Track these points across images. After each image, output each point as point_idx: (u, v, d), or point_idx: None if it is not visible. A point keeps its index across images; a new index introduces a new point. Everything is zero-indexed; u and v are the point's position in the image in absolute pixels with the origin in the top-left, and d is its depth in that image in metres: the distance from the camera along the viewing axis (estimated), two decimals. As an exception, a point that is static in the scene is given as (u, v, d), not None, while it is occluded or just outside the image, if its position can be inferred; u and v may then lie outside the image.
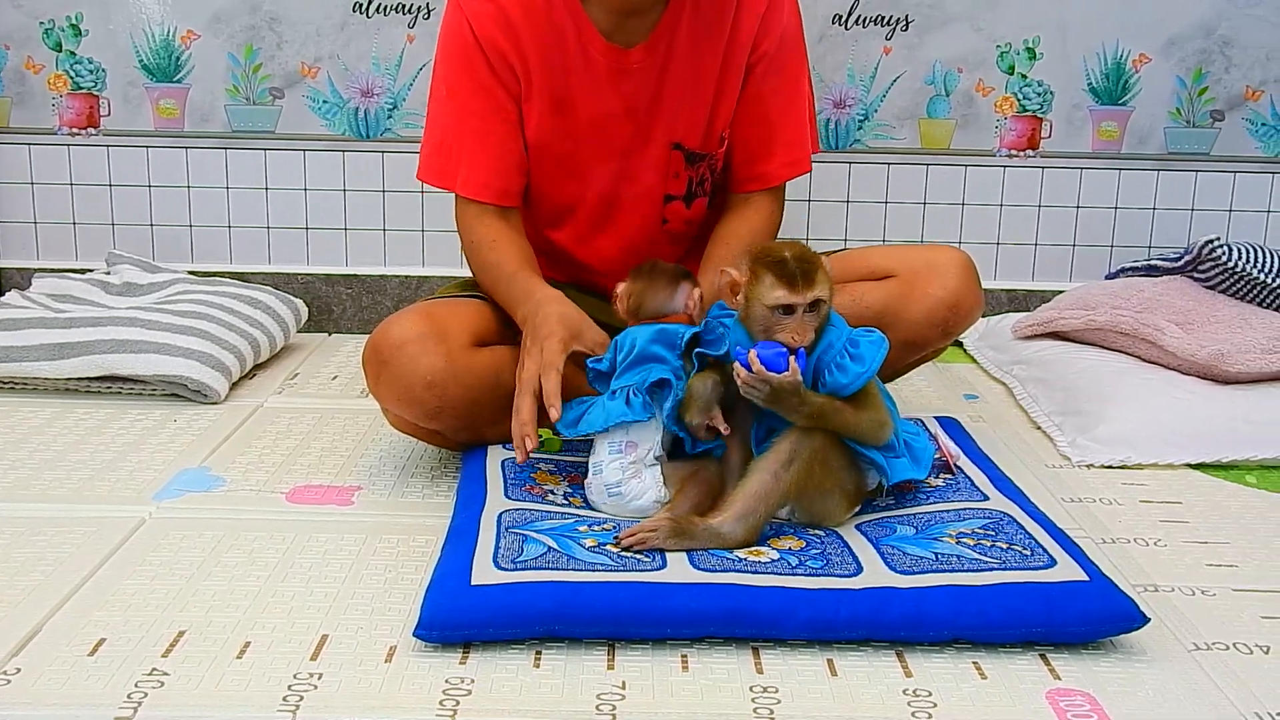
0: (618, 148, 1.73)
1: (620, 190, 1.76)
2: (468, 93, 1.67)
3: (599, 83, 1.68)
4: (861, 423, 1.38)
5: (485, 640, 1.21)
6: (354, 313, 2.51)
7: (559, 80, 1.68)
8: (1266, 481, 1.73)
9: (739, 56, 1.71)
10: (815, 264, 1.37)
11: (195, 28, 2.41)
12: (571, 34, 1.66)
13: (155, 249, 2.49)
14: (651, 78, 1.69)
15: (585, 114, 1.70)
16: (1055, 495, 1.66)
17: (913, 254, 1.78)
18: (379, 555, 1.42)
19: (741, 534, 1.33)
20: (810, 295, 1.36)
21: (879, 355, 1.38)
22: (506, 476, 1.51)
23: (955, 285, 1.72)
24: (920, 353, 1.79)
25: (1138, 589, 1.37)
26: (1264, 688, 1.17)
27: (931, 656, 1.21)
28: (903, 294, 1.73)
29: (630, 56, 1.68)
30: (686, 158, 1.75)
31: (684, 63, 1.70)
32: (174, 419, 1.91)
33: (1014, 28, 2.43)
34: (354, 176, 2.47)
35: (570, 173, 1.74)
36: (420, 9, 2.40)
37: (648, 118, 1.72)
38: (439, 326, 1.58)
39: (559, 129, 1.70)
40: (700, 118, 1.73)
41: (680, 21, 1.68)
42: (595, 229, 1.78)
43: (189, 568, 1.37)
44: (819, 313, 1.38)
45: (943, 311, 1.72)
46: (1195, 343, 1.95)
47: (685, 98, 1.72)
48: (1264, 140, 2.49)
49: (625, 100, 1.70)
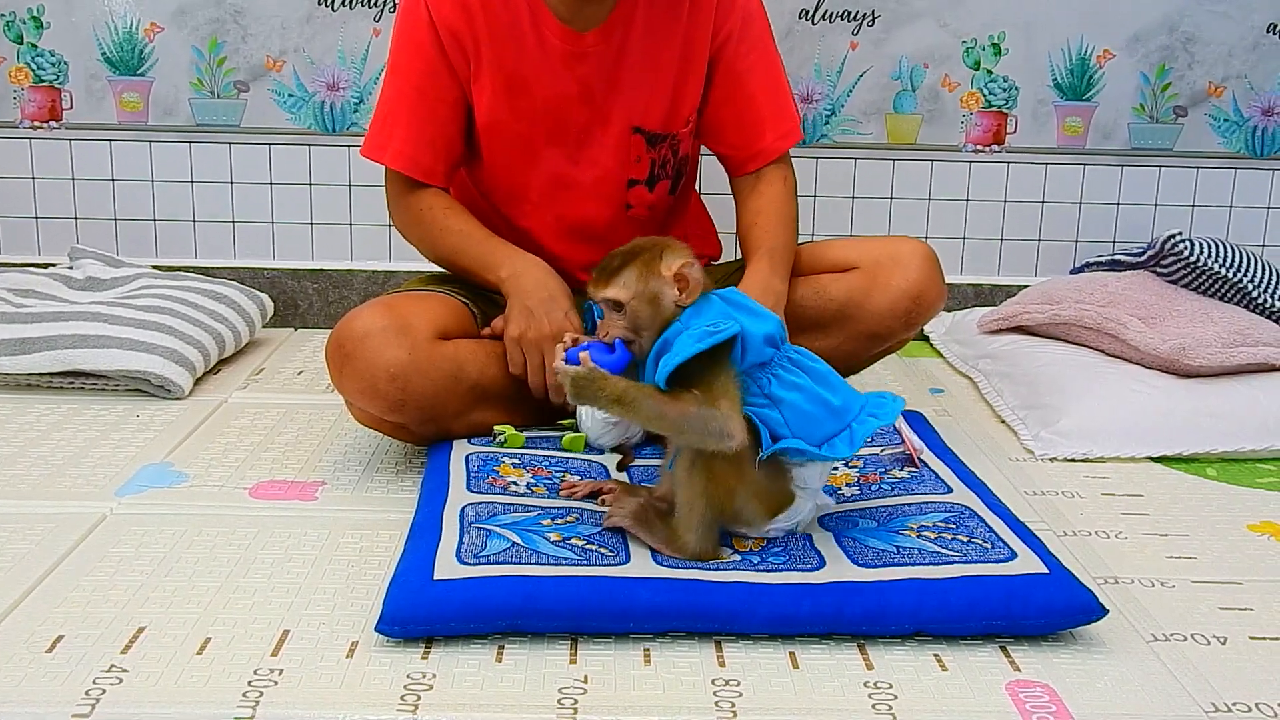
0: (573, 131, 1.74)
1: (578, 174, 1.76)
2: (413, 71, 1.71)
3: (553, 65, 1.69)
4: (671, 413, 1.25)
5: (448, 635, 1.20)
6: (320, 307, 2.50)
7: (512, 62, 1.69)
8: (1227, 474, 1.75)
9: (699, 36, 1.73)
10: (626, 265, 1.30)
11: (159, 20, 2.39)
12: (526, 16, 1.68)
13: (119, 243, 2.47)
14: (608, 61, 1.71)
15: (539, 96, 1.71)
16: (1018, 488, 1.67)
17: (875, 246, 1.79)
18: (342, 551, 1.41)
19: (695, 545, 1.29)
20: (601, 294, 1.31)
21: (689, 348, 1.24)
22: (470, 470, 1.51)
23: (917, 276, 1.73)
24: (884, 344, 1.79)
25: (1098, 581, 1.38)
26: (1220, 678, 1.18)
27: (893, 649, 1.22)
28: (866, 286, 1.74)
29: (585, 40, 1.69)
30: (647, 140, 1.77)
31: (642, 45, 1.71)
32: (137, 414, 1.89)
33: (979, 23, 2.44)
34: (320, 170, 2.46)
35: (524, 154, 1.75)
36: (386, 2, 2.39)
37: (605, 101, 1.73)
38: (402, 319, 1.58)
39: (513, 110, 1.71)
40: (661, 100, 1.75)
41: (637, 5, 1.70)
42: (555, 213, 1.79)
43: (150, 564, 1.36)
44: (624, 315, 1.30)
45: (905, 302, 1.73)
46: (1158, 337, 1.96)
47: (644, 81, 1.73)
48: (1226, 136, 2.52)
49: (580, 83, 1.71)
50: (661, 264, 1.31)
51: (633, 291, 1.30)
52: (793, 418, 1.30)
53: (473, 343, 1.67)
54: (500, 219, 1.80)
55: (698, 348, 1.24)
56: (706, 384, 1.26)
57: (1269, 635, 1.27)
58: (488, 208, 1.81)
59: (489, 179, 1.79)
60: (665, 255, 1.31)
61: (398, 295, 1.70)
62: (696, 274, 1.31)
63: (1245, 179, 2.53)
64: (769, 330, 1.31)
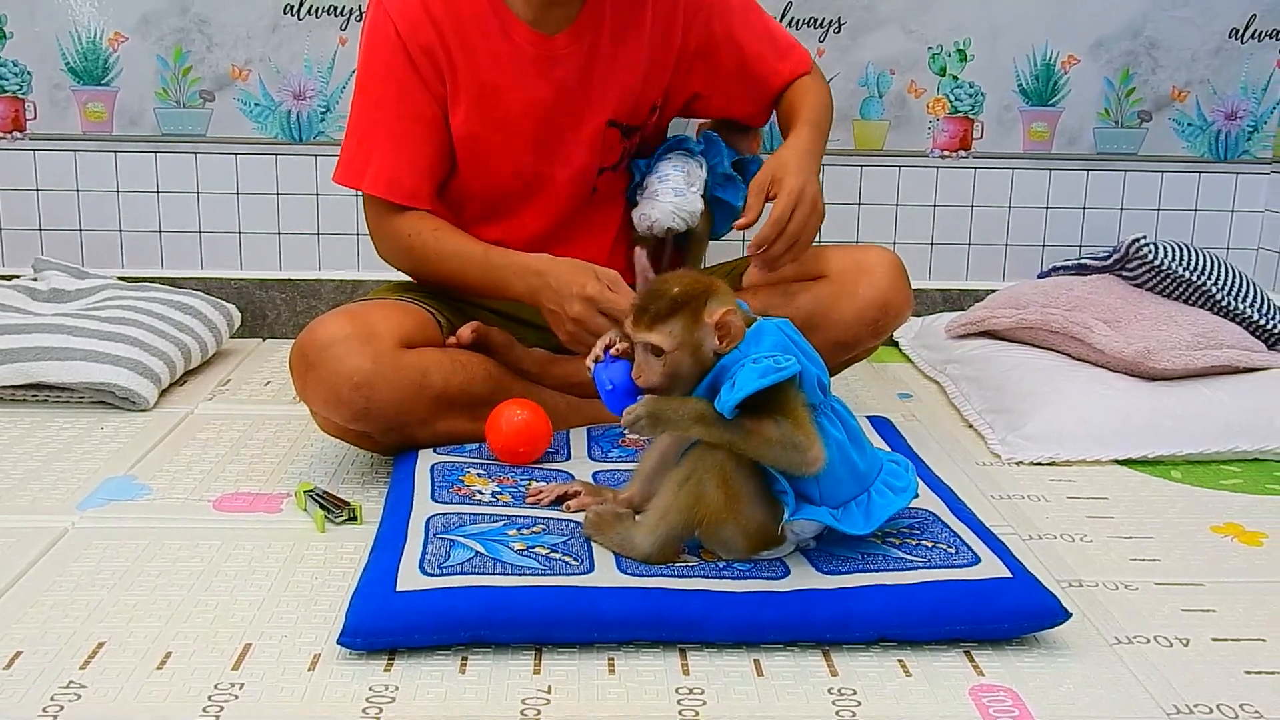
0: (552, 132, 1.74)
1: (553, 171, 1.77)
2: (386, 92, 1.68)
3: (526, 71, 1.69)
4: (756, 434, 1.24)
5: (411, 647, 1.20)
6: (288, 317, 2.48)
7: (487, 71, 1.68)
8: (1191, 476, 1.76)
9: (667, 29, 1.75)
10: (674, 314, 1.26)
11: (123, 29, 2.38)
12: (494, 25, 1.67)
13: (84, 254, 2.45)
14: (580, 61, 1.71)
15: (515, 102, 1.70)
16: (985, 492, 1.68)
17: (842, 254, 1.79)
18: (306, 563, 1.40)
19: (649, 548, 1.29)
20: (642, 336, 1.27)
21: (752, 384, 1.22)
22: (434, 480, 1.50)
23: (885, 285, 1.74)
24: (851, 352, 1.80)
25: (1062, 584, 1.38)
26: (1181, 680, 1.18)
27: (858, 655, 1.22)
28: (833, 294, 1.74)
29: (555, 43, 1.70)
30: (623, 132, 1.79)
31: (612, 42, 1.72)
32: (101, 427, 1.88)
33: (945, 30, 2.46)
34: (287, 180, 2.45)
35: (503, 161, 1.74)
36: (353, 10, 2.39)
37: (580, 101, 1.74)
38: (366, 327, 1.57)
39: (489, 119, 1.71)
40: (633, 93, 1.76)
41: (604, 3, 1.71)
42: (525, 210, 1.79)
43: (111, 578, 1.35)
44: (663, 361, 1.27)
45: (873, 311, 1.74)
46: (1123, 340, 1.98)
47: (617, 77, 1.74)
48: (1190, 140, 2.53)
49: (555, 86, 1.71)
50: (705, 311, 1.27)
51: (678, 341, 1.27)
52: (825, 477, 1.28)
53: (438, 351, 1.66)
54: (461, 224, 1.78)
55: (762, 383, 1.22)
56: (781, 407, 1.25)
57: (1230, 637, 1.28)
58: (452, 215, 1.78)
59: (462, 189, 1.77)
60: (710, 302, 1.28)
61: (362, 304, 1.69)
62: (739, 321, 1.28)
63: (1209, 182, 2.55)
64: (820, 374, 1.30)
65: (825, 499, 1.30)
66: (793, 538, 1.32)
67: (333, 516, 1.51)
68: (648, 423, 1.25)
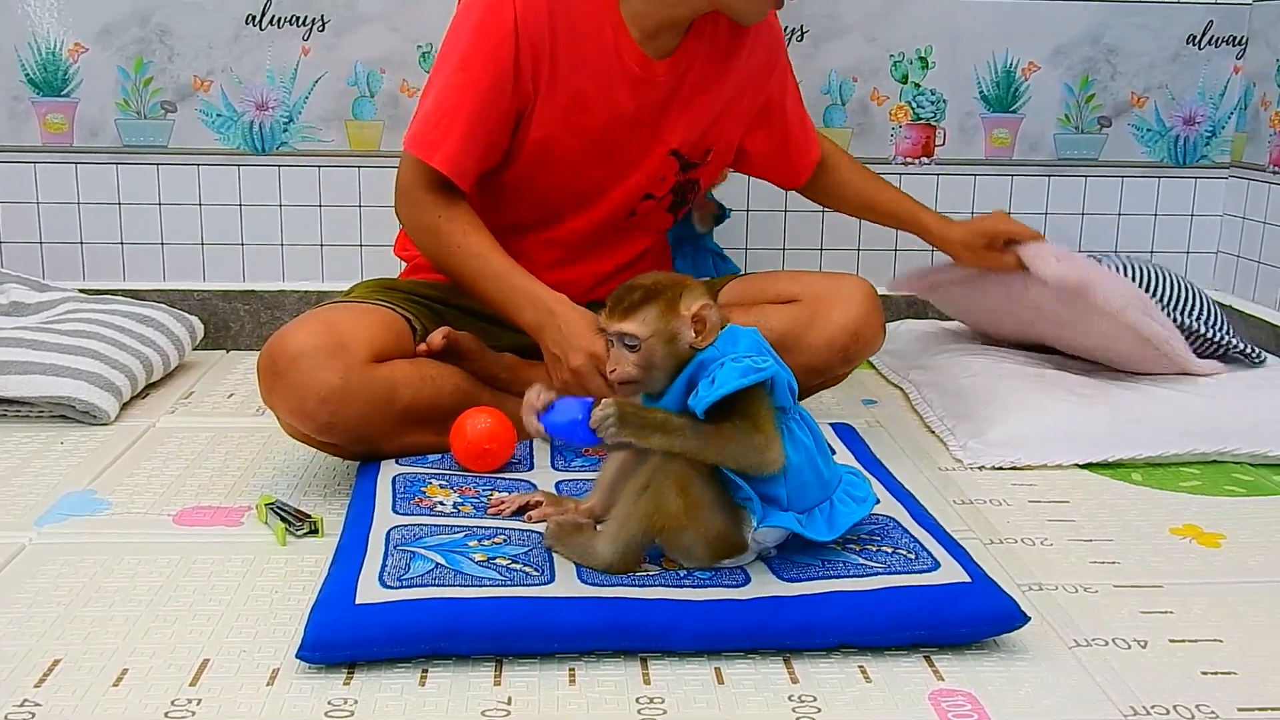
0: (622, 150, 1.77)
1: (609, 187, 1.79)
2: (482, 77, 1.65)
3: (621, 88, 1.72)
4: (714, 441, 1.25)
5: (370, 660, 1.19)
6: (252, 329, 2.47)
7: (588, 81, 1.70)
8: (1151, 479, 1.78)
9: (755, 79, 1.85)
10: (647, 302, 1.27)
11: (83, 40, 2.37)
12: (609, 37, 1.69)
13: (45, 267, 2.43)
14: (668, 89, 1.75)
15: (599, 116, 1.73)
16: (947, 497, 1.68)
17: (817, 281, 1.81)
18: (266, 577, 1.40)
19: (609, 557, 1.29)
20: (616, 327, 1.28)
21: (733, 382, 1.23)
22: (396, 492, 1.50)
23: (857, 313, 1.75)
24: (820, 378, 1.80)
25: (1023, 588, 1.39)
26: (1139, 681, 1.19)
27: (818, 662, 1.22)
28: (806, 319, 1.75)
29: (657, 68, 1.73)
30: (680, 165, 1.83)
31: (698, 78, 1.77)
32: (61, 441, 1.86)
33: (906, 37, 2.47)
34: (250, 191, 2.44)
35: (570, 167, 1.75)
36: (315, 21, 2.38)
37: (654, 125, 1.77)
38: (337, 339, 1.56)
39: (572, 126, 1.72)
40: (698, 130, 1.81)
41: (702, 39, 1.75)
42: (566, 216, 1.81)
43: (68, 594, 1.34)
44: (637, 352, 1.28)
45: (844, 338, 1.75)
46: (1066, 267, 1.90)
47: (691, 111, 1.79)
48: (1149, 145, 2.56)
49: (640, 108, 1.74)
50: (681, 303, 1.28)
51: (652, 329, 1.27)
52: (793, 481, 1.29)
53: (407, 365, 1.65)
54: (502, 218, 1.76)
55: (742, 383, 1.23)
56: (744, 412, 1.25)
57: (1187, 638, 1.29)
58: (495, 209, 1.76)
59: (513, 182, 1.76)
60: (685, 295, 1.28)
61: (336, 309, 1.67)
62: (715, 317, 1.29)
63: (1169, 187, 2.57)
64: (790, 379, 1.31)
65: (792, 503, 1.30)
66: (755, 546, 1.32)
67: (294, 529, 1.50)
68: (616, 421, 1.24)
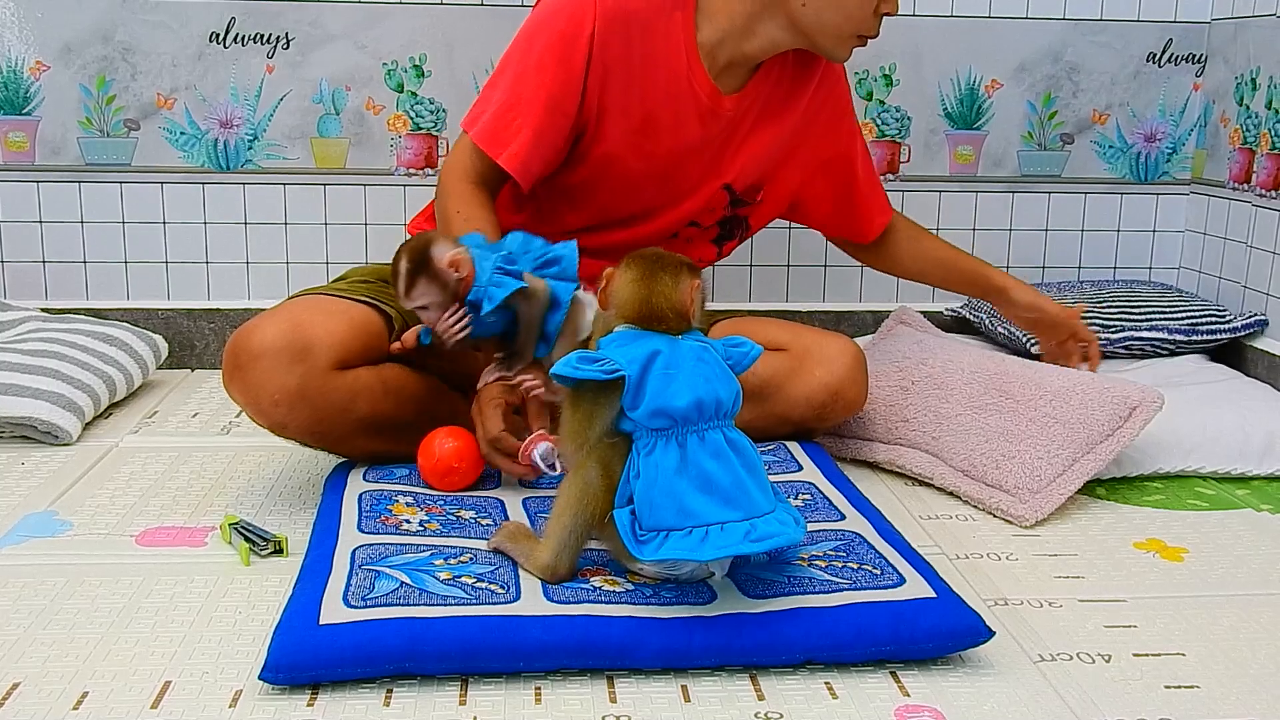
0: (683, 178, 1.78)
1: (663, 212, 1.82)
2: (555, 79, 1.67)
3: (690, 118, 1.74)
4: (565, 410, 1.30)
5: (334, 681, 1.18)
6: (217, 348, 2.45)
7: (661, 106, 1.72)
8: (1116, 494, 1.79)
9: (819, 127, 1.87)
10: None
11: (44, 58, 2.35)
12: (683, 67, 1.71)
13: (6, 286, 2.41)
14: (732, 125, 1.77)
15: (666, 143, 1.75)
16: (913, 513, 1.69)
17: (806, 335, 1.81)
18: (230, 597, 1.38)
19: (549, 558, 1.28)
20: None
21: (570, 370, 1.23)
22: (362, 509, 1.49)
23: (841, 373, 1.75)
24: (793, 429, 1.79)
25: (988, 603, 1.40)
26: (1103, 696, 1.20)
27: (785, 678, 1.22)
28: (789, 369, 1.75)
29: (725, 102, 1.75)
30: (731, 200, 1.85)
31: (760, 116, 1.80)
32: (22, 462, 1.84)
33: (869, 55, 2.49)
34: (214, 209, 2.43)
35: (630, 188, 1.77)
36: (280, 39, 2.37)
37: (715, 158, 1.79)
38: (303, 342, 1.55)
39: (640, 149, 1.74)
40: (752, 169, 1.83)
41: (768, 80, 1.78)
42: (614, 230, 1.82)
43: (28, 617, 1.32)
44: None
45: (823, 395, 1.75)
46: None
47: (749, 148, 1.81)
48: (1111, 162, 2.58)
49: (705, 140, 1.76)
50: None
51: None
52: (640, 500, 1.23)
53: (370, 375, 1.62)
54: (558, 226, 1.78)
55: (578, 374, 1.23)
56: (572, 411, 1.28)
57: (1150, 652, 1.30)
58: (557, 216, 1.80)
59: (572, 190, 1.78)
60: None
61: (314, 303, 1.64)
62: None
63: (1131, 203, 2.60)
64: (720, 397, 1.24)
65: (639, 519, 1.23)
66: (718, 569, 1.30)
67: (258, 549, 1.49)
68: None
